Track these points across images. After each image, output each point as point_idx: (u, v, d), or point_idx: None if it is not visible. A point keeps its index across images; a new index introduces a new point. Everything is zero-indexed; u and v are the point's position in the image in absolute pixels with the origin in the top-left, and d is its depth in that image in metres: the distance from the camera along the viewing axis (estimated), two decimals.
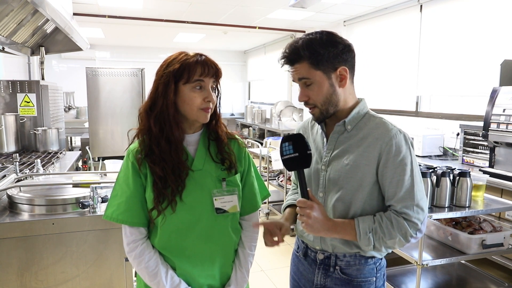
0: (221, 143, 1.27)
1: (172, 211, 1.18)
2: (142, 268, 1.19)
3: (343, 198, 1.22)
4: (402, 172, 1.17)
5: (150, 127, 1.18)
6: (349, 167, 1.21)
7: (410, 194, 1.17)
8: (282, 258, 3.54)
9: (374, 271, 1.27)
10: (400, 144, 1.17)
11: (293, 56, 1.20)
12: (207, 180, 1.23)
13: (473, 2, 3.99)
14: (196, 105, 1.17)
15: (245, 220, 1.35)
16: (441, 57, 4.39)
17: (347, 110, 1.25)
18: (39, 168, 2.39)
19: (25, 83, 3.40)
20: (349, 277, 1.26)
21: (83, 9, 5.43)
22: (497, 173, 3.01)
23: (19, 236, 1.64)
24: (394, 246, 1.20)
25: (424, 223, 1.20)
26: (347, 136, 1.24)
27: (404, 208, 1.17)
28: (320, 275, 1.30)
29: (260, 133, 8.63)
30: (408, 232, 1.16)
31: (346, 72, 1.20)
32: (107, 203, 1.23)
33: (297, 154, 1.17)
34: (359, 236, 1.17)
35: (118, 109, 3.60)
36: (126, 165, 1.22)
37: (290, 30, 6.93)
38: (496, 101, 3.08)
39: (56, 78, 7.72)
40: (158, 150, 1.17)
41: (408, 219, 1.16)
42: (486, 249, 2.24)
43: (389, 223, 1.17)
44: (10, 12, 2.39)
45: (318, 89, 1.20)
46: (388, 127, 1.20)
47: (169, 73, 1.15)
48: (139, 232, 1.21)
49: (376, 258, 1.28)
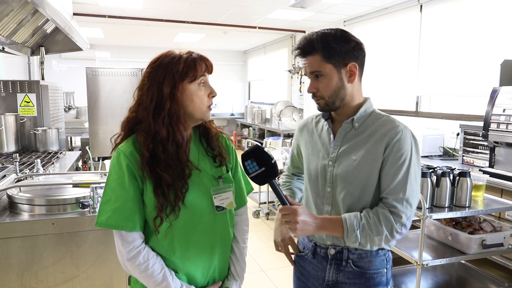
0: (211, 137, 1.27)
1: (175, 217, 1.14)
2: (148, 274, 1.14)
3: (352, 193, 1.25)
4: (400, 166, 1.20)
5: (157, 131, 1.13)
6: (357, 162, 1.24)
7: (402, 188, 1.20)
8: (282, 258, 3.53)
9: (384, 262, 1.30)
10: (404, 140, 1.21)
11: (307, 48, 1.23)
12: (204, 179, 1.22)
13: (473, 2, 3.99)
14: (204, 103, 1.18)
15: (236, 214, 1.36)
16: (441, 57, 4.39)
17: (354, 107, 1.29)
18: (39, 168, 2.39)
19: (25, 83, 3.40)
20: (362, 270, 1.28)
21: (83, 9, 5.43)
22: (497, 173, 3.01)
23: (19, 236, 1.64)
24: (380, 243, 1.23)
25: (410, 220, 1.22)
26: (355, 133, 1.28)
27: (394, 201, 1.20)
28: (332, 270, 1.31)
29: (260, 133, 8.63)
30: (394, 227, 1.19)
31: (355, 68, 1.24)
32: (99, 209, 1.15)
33: (264, 168, 1.16)
34: (346, 233, 1.20)
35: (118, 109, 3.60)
36: (118, 167, 1.14)
37: (290, 30, 6.93)
38: (496, 101, 3.08)
39: (56, 78, 7.71)
40: (165, 155, 1.13)
41: (396, 212, 1.19)
42: (486, 249, 2.24)
43: (376, 219, 1.19)
44: (10, 12, 2.39)
45: (327, 82, 1.23)
46: (395, 123, 1.24)
47: (174, 74, 1.14)
48: (139, 236, 1.16)
49: (385, 249, 1.30)
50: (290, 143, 4.73)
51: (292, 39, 7.58)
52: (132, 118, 1.20)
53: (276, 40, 8.31)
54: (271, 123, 7.82)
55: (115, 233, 1.15)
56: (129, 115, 1.21)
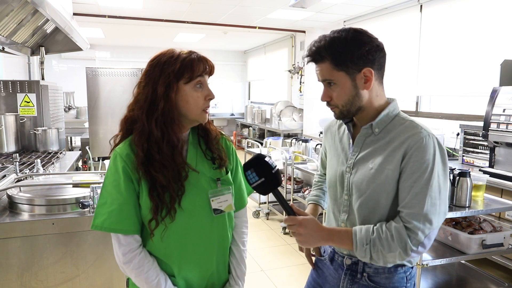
0: (211, 140, 1.25)
1: (171, 220, 1.12)
2: (141, 279, 1.13)
3: (366, 203, 1.17)
4: (418, 178, 1.08)
5: (151, 131, 1.11)
6: (373, 171, 1.15)
7: (419, 202, 1.07)
8: (282, 258, 3.54)
9: (404, 280, 1.20)
10: (426, 148, 1.08)
11: (315, 56, 1.16)
12: (202, 181, 1.20)
13: (473, 2, 3.99)
14: (199, 106, 1.15)
15: (235, 217, 1.34)
16: (441, 57, 4.39)
17: (374, 111, 1.19)
18: (39, 168, 2.39)
19: (25, 83, 3.40)
20: (377, 285, 1.19)
21: (83, 9, 5.43)
22: (497, 173, 3.01)
23: (19, 236, 1.64)
24: (395, 260, 1.11)
25: (429, 238, 1.10)
26: (374, 139, 1.19)
27: (409, 215, 1.08)
28: (347, 281, 1.24)
29: (260, 133, 8.63)
30: (408, 245, 1.07)
31: (371, 73, 1.13)
32: (95, 212, 1.14)
33: (263, 179, 1.11)
34: (356, 247, 1.12)
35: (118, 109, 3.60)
36: (114, 169, 1.13)
37: (290, 30, 6.93)
38: (496, 101, 3.08)
39: (56, 78, 7.72)
40: (160, 156, 1.11)
41: (411, 228, 1.07)
42: (486, 249, 2.24)
43: (389, 235, 1.09)
44: (10, 12, 2.39)
45: (341, 90, 1.15)
46: (417, 129, 1.12)
47: (169, 74, 1.11)
48: (135, 240, 1.14)
49: (406, 266, 1.20)
50: (290, 143, 4.73)
51: (292, 39, 7.58)
52: (129, 117, 1.18)
53: (276, 40, 8.31)
54: (271, 123, 7.82)
55: (112, 235, 1.14)
56: (127, 114, 1.20)
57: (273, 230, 4.26)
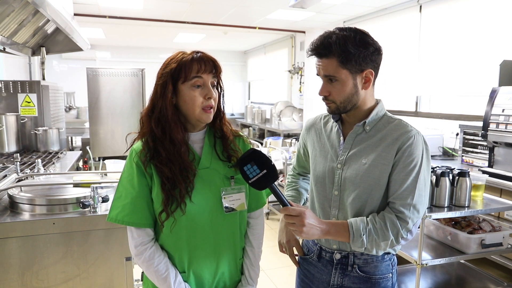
0: (226, 141, 1.25)
1: (182, 213, 1.15)
2: (151, 271, 1.17)
3: (360, 197, 1.23)
4: (409, 172, 1.18)
5: (152, 129, 1.16)
6: (367, 166, 1.22)
7: (410, 193, 1.18)
8: (282, 258, 3.54)
9: (390, 267, 1.29)
10: (416, 145, 1.19)
11: (323, 51, 1.17)
12: (215, 178, 1.22)
13: (473, 2, 4.00)
14: (197, 105, 1.15)
15: (251, 217, 1.34)
16: (440, 57, 4.40)
17: (366, 110, 1.26)
18: (39, 168, 2.40)
19: (26, 83, 3.41)
20: (367, 275, 1.27)
21: (83, 10, 5.43)
22: (496, 173, 3.01)
23: (20, 236, 1.65)
24: (386, 248, 1.21)
25: (416, 226, 1.21)
26: (365, 137, 1.25)
27: (401, 206, 1.18)
28: (338, 275, 1.30)
29: (260, 133, 8.63)
30: (400, 232, 1.18)
31: (371, 75, 1.21)
32: (111, 205, 1.20)
33: (265, 171, 1.12)
34: (352, 238, 1.18)
35: (119, 109, 3.62)
36: (130, 165, 1.19)
37: (290, 30, 6.94)
38: (495, 101, 3.08)
39: (57, 78, 7.72)
40: (165, 151, 1.15)
41: (402, 217, 1.18)
42: (485, 248, 2.25)
43: (383, 224, 1.18)
44: (11, 12, 2.40)
45: (341, 88, 1.19)
46: (408, 128, 1.22)
47: (166, 74, 1.14)
48: (146, 233, 1.19)
49: (391, 254, 1.30)
50: (290, 143, 4.73)
51: (292, 40, 7.59)
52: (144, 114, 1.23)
53: (276, 40, 8.31)
54: (271, 123, 7.82)
55: (127, 228, 1.19)
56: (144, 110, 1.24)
57: (273, 229, 4.27)
